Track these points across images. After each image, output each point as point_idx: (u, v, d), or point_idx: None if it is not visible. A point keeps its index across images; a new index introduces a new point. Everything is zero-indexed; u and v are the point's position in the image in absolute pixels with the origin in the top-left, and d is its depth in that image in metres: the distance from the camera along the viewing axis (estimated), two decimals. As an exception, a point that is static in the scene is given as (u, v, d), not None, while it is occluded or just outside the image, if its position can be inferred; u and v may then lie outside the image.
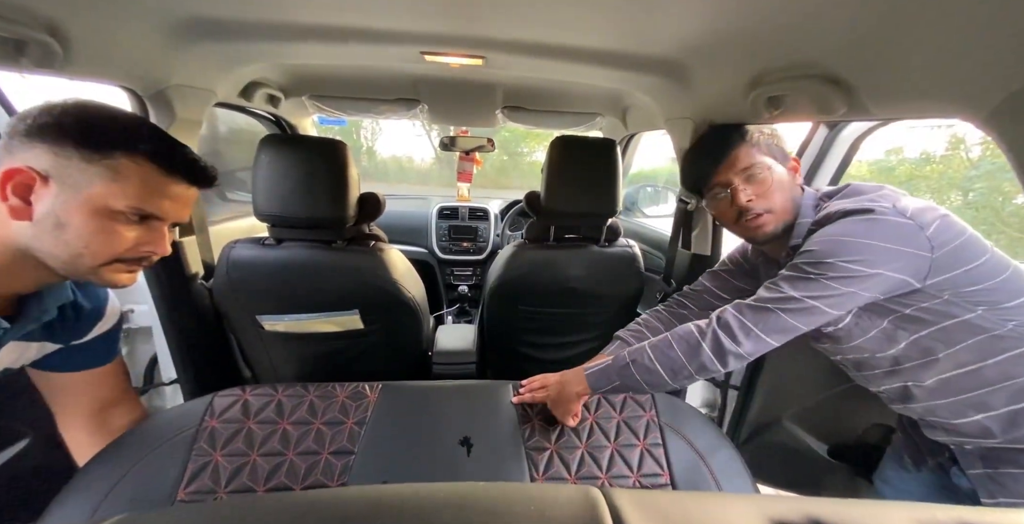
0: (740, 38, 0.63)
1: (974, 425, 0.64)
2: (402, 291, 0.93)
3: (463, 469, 0.72)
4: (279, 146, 0.83)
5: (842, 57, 0.51)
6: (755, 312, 0.66)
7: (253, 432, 0.70)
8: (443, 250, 1.99)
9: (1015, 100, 0.35)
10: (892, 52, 0.45)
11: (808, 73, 0.56)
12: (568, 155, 1.04)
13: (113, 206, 0.50)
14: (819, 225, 0.66)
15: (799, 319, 0.63)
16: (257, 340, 0.97)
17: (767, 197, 0.73)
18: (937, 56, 0.40)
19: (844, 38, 0.49)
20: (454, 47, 0.86)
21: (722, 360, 0.67)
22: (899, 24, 0.42)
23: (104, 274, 0.53)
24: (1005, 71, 0.35)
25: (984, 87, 0.37)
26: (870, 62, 0.48)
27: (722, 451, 0.78)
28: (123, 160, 0.50)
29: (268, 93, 1.13)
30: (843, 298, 0.60)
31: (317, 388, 0.79)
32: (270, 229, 0.89)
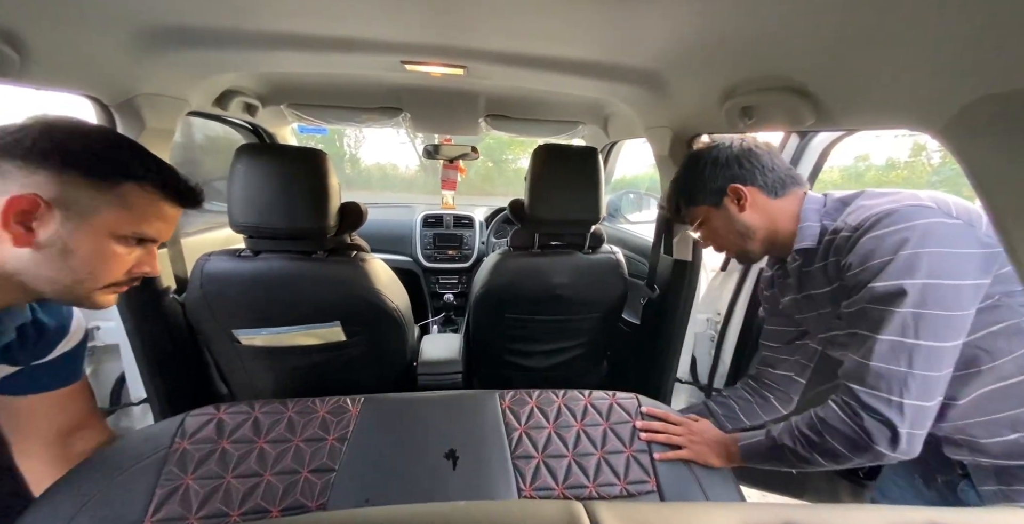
0: (714, 51, 0.65)
1: (1007, 445, 0.60)
2: (385, 301, 0.92)
3: (449, 484, 0.70)
4: (256, 155, 0.81)
5: (809, 70, 0.53)
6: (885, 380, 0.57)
7: (227, 453, 0.67)
8: (428, 258, 1.97)
9: (967, 113, 0.37)
10: (856, 66, 0.47)
11: (778, 85, 0.58)
12: (551, 163, 1.05)
13: (119, 232, 0.52)
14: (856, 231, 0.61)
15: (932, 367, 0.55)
16: (233, 355, 0.94)
17: (712, 239, 0.81)
18: (896, 71, 0.42)
19: (811, 52, 0.51)
20: (435, 57, 0.86)
21: (898, 449, 0.57)
22: (861, 40, 0.44)
23: (97, 297, 0.54)
24: (958, 85, 0.37)
25: (939, 101, 0.39)
26: (835, 76, 0.50)
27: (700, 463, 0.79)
28: (131, 188, 0.52)
29: (245, 102, 1.11)
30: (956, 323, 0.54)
31: (296, 404, 0.77)
32: (247, 240, 0.86)
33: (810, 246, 0.70)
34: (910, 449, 0.58)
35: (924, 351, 0.55)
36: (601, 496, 0.73)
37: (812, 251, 0.71)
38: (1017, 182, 0.35)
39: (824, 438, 0.63)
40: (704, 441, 0.79)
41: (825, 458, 0.64)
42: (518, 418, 0.84)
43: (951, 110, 0.39)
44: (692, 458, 0.77)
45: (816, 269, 0.71)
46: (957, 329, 0.55)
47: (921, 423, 0.57)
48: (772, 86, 0.59)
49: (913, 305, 0.55)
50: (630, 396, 0.89)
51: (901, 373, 0.56)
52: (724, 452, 0.77)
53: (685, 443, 0.79)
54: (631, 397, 0.89)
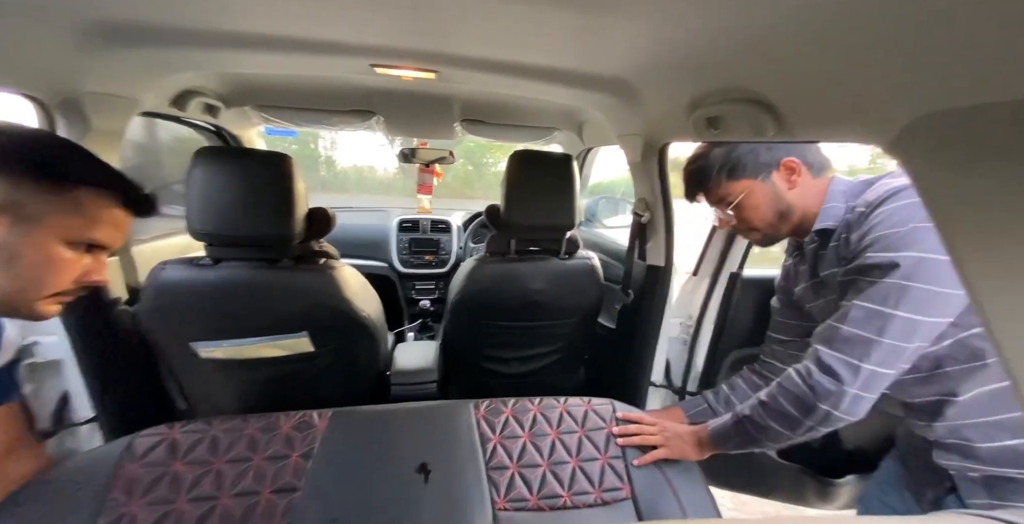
0: (681, 62, 0.66)
1: (1001, 451, 0.58)
2: (356, 310, 0.89)
3: (420, 499, 0.68)
4: (216, 159, 0.77)
5: (770, 84, 0.55)
6: (851, 344, 0.58)
7: (180, 475, 0.63)
8: (404, 264, 1.94)
9: (912, 129, 0.39)
10: (812, 81, 0.49)
11: (742, 97, 0.60)
12: (526, 169, 1.05)
13: (70, 237, 0.51)
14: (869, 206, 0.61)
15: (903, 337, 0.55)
16: (192, 369, 0.89)
17: (747, 219, 0.74)
18: (848, 87, 0.44)
19: (771, 66, 0.53)
20: (405, 61, 0.85)
21: (840, 407, 0.58)
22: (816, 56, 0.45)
23: (40, 307, 0.52)
24: (902, 103, 0.39)
25: (887, 116, 0.41)
26: (793, 89, 0.52)
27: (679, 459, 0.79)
28: (83, 193, 0.51)
29: (205, 102, 1.06)
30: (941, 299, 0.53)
31: (258, 420, 0.73)
32: (206, 248, 0.82)
33: (831, 226, 0.68)
34: (852, 410, 0.58)
35: (900, 322, 0.55)
36: (576, 505, 0.73)
37: (830, 232, 0.69)
38: (958, 194, 0.37)
39: (777, 400, 0.64)
40: (677, 435, 0.80)
41: (778, 423, 0.65)
42: (493, 428, 0.83)
43: (897, 126, 0.40)
44: (668, 455, 0.78)
45: (831, 249, 0.69)
46: (941, 306, 0.54)
47: (873, 387, 0.57)
48: (736, 97, 0.60)
49: (902, 277, 0.55)
50: (605, 402, 0.89)
51: (868, 339, 0.56)
52: (696, 441, 0.78)
53: (660, 441, 0.79)
54: (606, 403, 0.89)
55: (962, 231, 0.38)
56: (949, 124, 0.37)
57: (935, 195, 0.40)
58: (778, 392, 0.65)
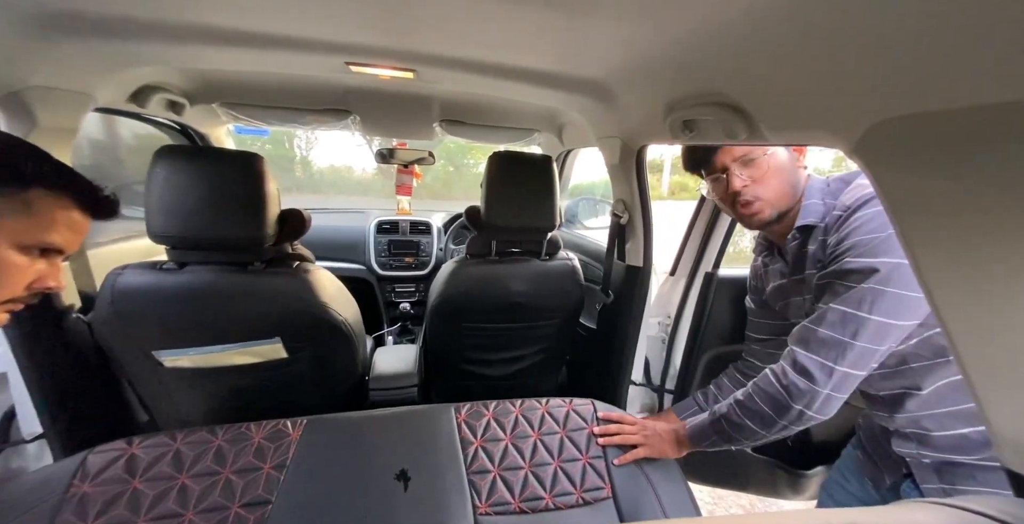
0: (657, 66, 0.68)
1: (954, 439, 0.61)
2: (332, 314, 0.87)
3: (399, 508, 0.67)
4: (179, 158, 0.74)
5: (741, 88, 0.57)
6: (826, 346, 0.59)
7: (140, 493, 0.59)
8: (383, 266, 1.90)
9: (872, 134, 0.41)
10: (780, 86, 0.51)
11: (714, 101, 0.61)
12: (506, 170, 1.04)
13: (22, 241, 0.48)
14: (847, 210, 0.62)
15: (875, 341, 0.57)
16: (154, 379, 0.84)
17: (762, 182, 0.69)
18: (814, 91, 0.46)
19: (742, 72, 0.55)
20: (382, 59, 0.83)
21: (812, 407, 0.60)
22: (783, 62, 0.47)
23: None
24: (866, 107, 0.41)
25: (850, 121, 0.43)
26: (763, 94, 0.54)
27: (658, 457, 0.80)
28: (37, 194, 0.48)
29: (168, 99, 1.01)
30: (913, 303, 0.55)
31: (227, 431, 0.70)
32: (170, 252, 0.78)
33: (813, 222, 0.68)
34: (824, 410, 0.61)
35: (873, 326, 0.57)
36: (558, 507, 0.73)
37: (812, 229, 0.69)
38: (916, 197, 0.39)
39: (753, 400, 0.66)
40: (657, 434, 0.80)
41: (753, 421, 0.67)
42: (474, 431, 0.82)
43: (860, 130, 0.42)
44: (649, 454, 0.79)
45: (813, 250, 0.69)
46: (913, 309, 0.56)
47: (845, 388, 0.60)
48: (709, 101, 0.62)
49: (878, 282, 0.56)
50: (586, 402, 0.90)
51: (843, 342, 0.58)
52: (675, 439, 0.79)
53: (640, 440, 0.80)
54: (587, 403, 0.90)
55: (920, 233, 0.39)
56: (909, 129, 0.38)
57: (894, 197, 0.41)
58: (754, 391, 0.67)
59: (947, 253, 0.37)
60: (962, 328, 0.37)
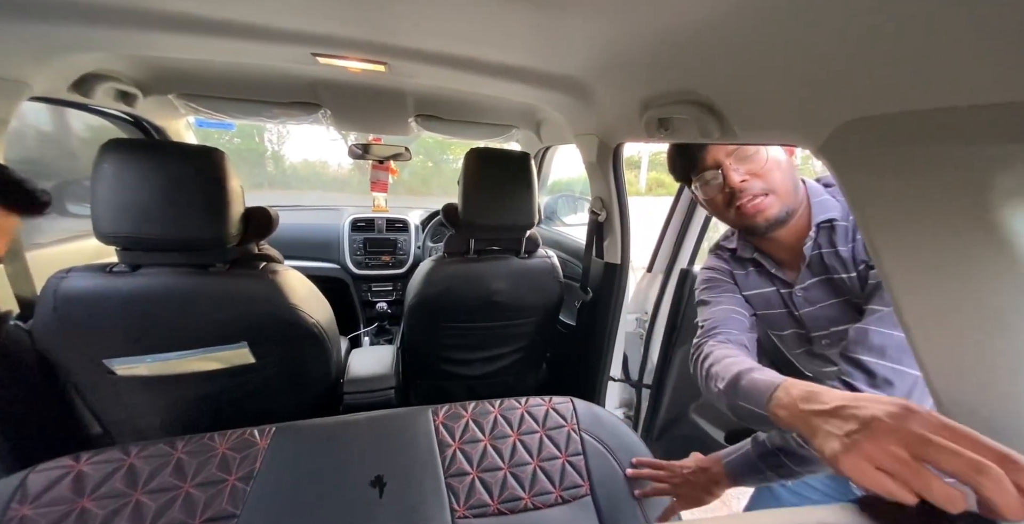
0: (632, 64, 0.67)
1: None
2: (302, 317, 0.83)
3: (375, 515, 0.65)
4: (130, 153, 0.68)
5: (713, 87, 0.57)
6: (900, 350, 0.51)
7: (89, 513, 0.55)
8: (358, 265, 1.85)
9: (838, 134, 0.42)
10: (751, 86, 0.51)
11: (687, 99, 0.61)
12: (484, 168, 1.03)
13: None
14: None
15: None
16: (107, 389, 0.79)
17: (764, 176, 0.61)
18: (783, 91, 0.46)
19: (714, 71, 0.55)
20: (351, 51, 0.79)
21: None
22: (753, 61, 0.47)
23: None
24: (833, 108, 0.42)
25: (817, 121, 0.44)
26: (735, 93, 0.54)
27: (635, 451, 0.81)
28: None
29: (117, 89, 0.94)
30: None
31: (188, 443, 0.66)
32: (120, 253, 0.73)
33: (836, 217, 0.61)
34: None
35: None
36: (537, 506, 0.73)
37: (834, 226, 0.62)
38: (880, 198, 0.40)
39: None
40: (686, 480, 0.71)
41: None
42: (452, 434, 0.81)
43: (827, 130, 0.43)
44: (685, 507, 0.71)
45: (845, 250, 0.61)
46: None
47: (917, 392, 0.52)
48: (682, 100, 0.62)
49: None
50: (565, 400, 0.90)
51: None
52: (706, 479, 0.68)
53: (668, 490, 0.73)
54: (566, 401, 0.90)
55: (881, 229, 0.41)
56: (873, 130, 0.39)
57: (857, 196, 0.42)
58: None
59: (907, 251, 0.39)
60: (918, 319, 0.39)
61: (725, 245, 0.78)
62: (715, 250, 0.81)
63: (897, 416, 0.32)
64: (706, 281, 0.78)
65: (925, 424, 0.30)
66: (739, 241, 0.75)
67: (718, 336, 0.68)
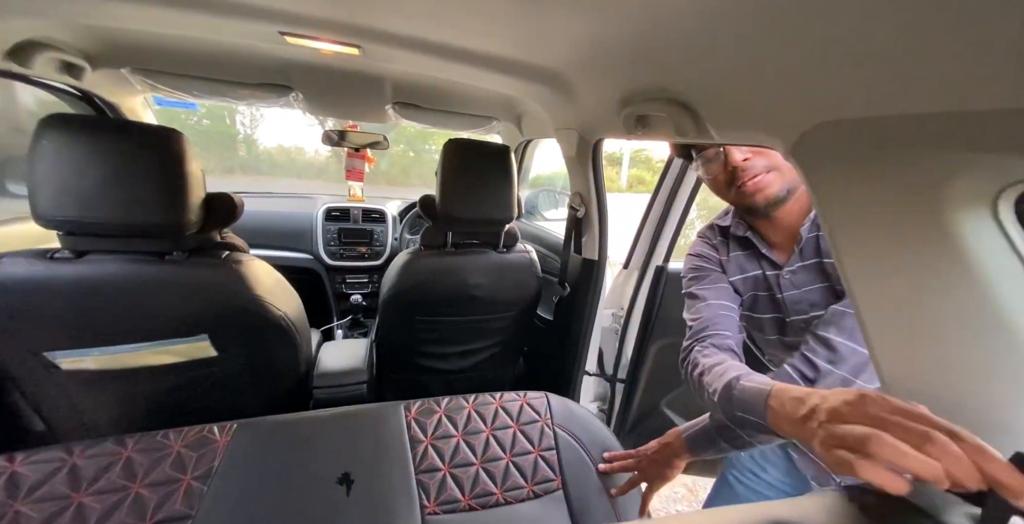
0: (611, 59, 0.67)
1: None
2: (268, 308, 0.80)
3: (342, 513, 0.63)
4: (73, 129, 0.63)
5: (689, 85, 0.57)
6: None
7: (24, 517, 0.52)
8: (332, 256, 1.80)
9: (807, 137, 0.42)
10: (725, 85, 0.51)
11: (665, 97, 0.61)
12: (463, 159, 1.00)
13: None
14: None
15: None
16: (49, 383, 0.74)
17: (766, 153, 0.61)
18: (755, 92, 0.47)
19: (690, 69, 0.55)
20: (321, 31, 0.75)
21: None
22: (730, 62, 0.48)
23: None
24: (803, 110, 0.42)
25: (787, 123, 0.44)
26: (709, 92, 0.54)
27: (607, 445, 0.82)
28: None
29: (60, 59, 0.85)
30: None
31: (139, 440, 0.62)
32: (63, 239, 0.67)
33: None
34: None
35: None
36: (508, 501, 0.73)
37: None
38: (844, 199, 0.41)
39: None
40: (646, 457, 0.73)
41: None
42: (424, 429, 0.80)
43: (797, 132, 0.43)
44: (644, 480, 0.73)
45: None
46: None
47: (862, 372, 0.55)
48: (659, 97, 0.62)
49: None
50: (540, 395, 0.90)
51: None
52: (667, 453, 0.70)
53: (631, 466, 0.75)
54: (540, 396, 0.90)
55: (843, 230, 0.42)
56: (839, 134, 0.40)
57: (822, 197, 0.43)
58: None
59: (866, 250, 0.41)
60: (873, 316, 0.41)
61: (718, 223, 0.78)
62: (704, 232, 0.80)
63: (853, 403, 0.35)
64: (694, 270, 0.78)
65: (879, 406, 0.33)
66: (734, 219, 0.75)
67: (706, 341, 0.68)
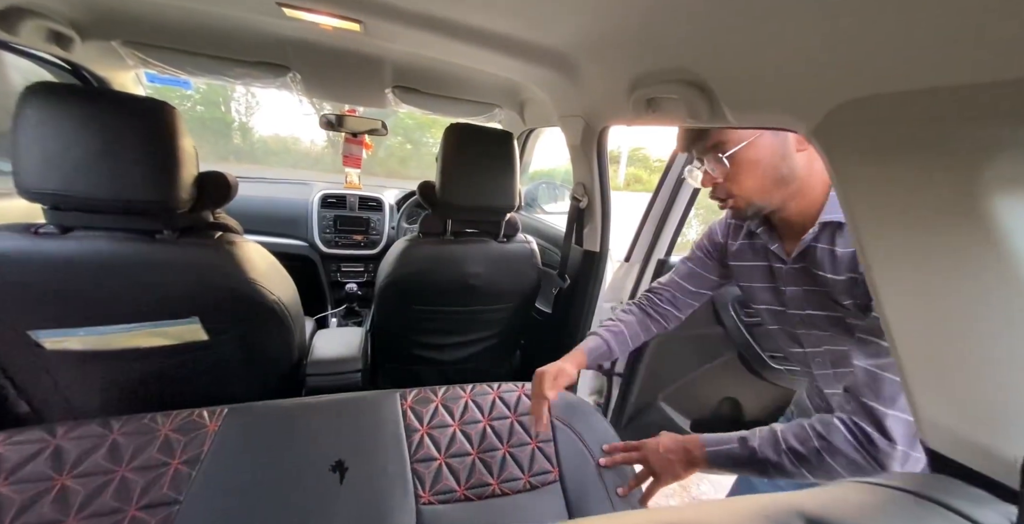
0: (623, 40, 0.64)
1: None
2: (262, 292, 0.77)
3: (334, 501, 0.61)
4: (60, 99, 0.60)
5: (706, 66, 0.55)
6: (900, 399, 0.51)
7: (5, 499, 0.49)
8: (327, 243, 1.76)
9: (832, 117, 0.41)
10: (745, 64, 0.49)
11: (679, 78, 0.59)
12: (464, 144, 0.98)
13: None
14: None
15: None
16: (33, 364, 0.71)
17: (735, 180, 0.62)
18: (777, 71, 0.45)
19: (708, 48, 0.53)
20: (322, 3, 0.72)
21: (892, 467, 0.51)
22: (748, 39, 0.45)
23: None
24: (828, 89, 0.40)
25: (811, 103, 0.42)
26: (729, 72, 0.52)
27: (606, 437, 0.81)
28: None
29: (48, 28, 0.82)
30: None
31: (126, 423, 0.60)
32: (49, 213, 0.65)
33: (841, 220, 0.60)
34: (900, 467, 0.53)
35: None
36: (504, 492, 0.71)
37: (837, 226, 0.60)
38: (869, 183, 0.39)
39: (823, 459, 0.55)
40: (658, 454, 0.70)
41: (816, 475, 0.57)
42: (420, 418, 0.78)
43: (820, 113, 0.42)
44: (652, 474, 0.71)
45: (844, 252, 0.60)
46: None
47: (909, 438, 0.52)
48: (674, 79, 0.60)
49: None
50: None
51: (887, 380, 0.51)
52: (685, 458, 0.68)
53: (639, 458, 0.72)
54: None
55: (869, 220, 0.40)
56: (868, 112, 0.38)
57: (847, 183, 0.41)
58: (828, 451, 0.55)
59: (893, 241, 0.38)
60: (898, 314, 0.38)
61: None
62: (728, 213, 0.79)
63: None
64: (694, 247, 0.87)
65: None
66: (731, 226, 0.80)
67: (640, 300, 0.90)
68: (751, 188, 0.62)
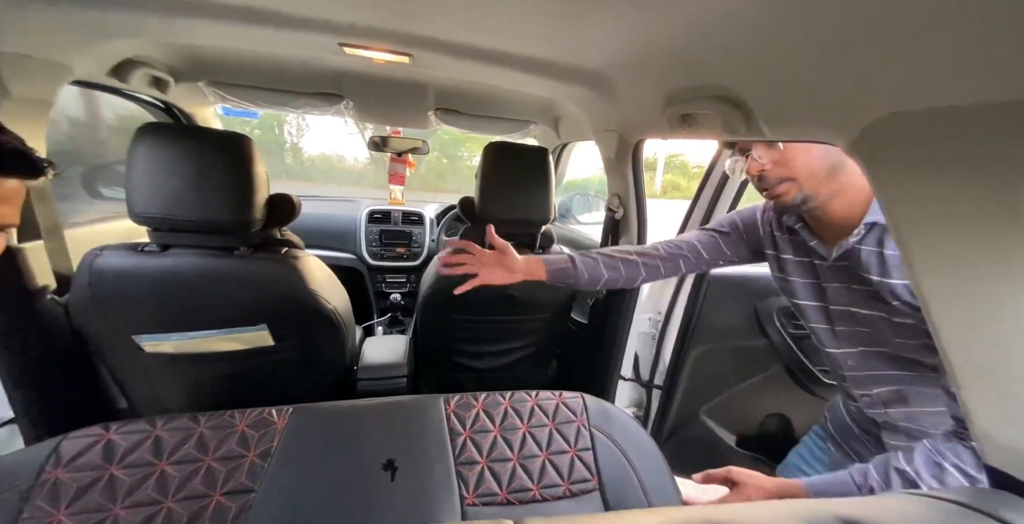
0: (658, 58, 0.67)
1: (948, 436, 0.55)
2: (320, 302, 0.85)
3: (386, 496, 0.66)
4: (163, 136, 0.71)
5: (741, 82, 0.56)
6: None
7: (117, 480, 0.58)
8: (374, 256, 1.88)
9: (872, 130, 0.41)
10: (782, 80, 0.50)
11: (714, 94, 0.61)
12: (502, 161, 1.03)
13: None
14: None
15: None
16: (134, 364, 0.82)
17: (786, 163, 0.61)
18: (815, 86, 0.46)
19: (743, 65, 0.54)
20: (377, 41, 0.80)
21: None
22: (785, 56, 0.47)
23: None
24: (866, 103, 0.41)
25: (850, 116, 0.43)
26: (763, 88, 0.53)
27: (645, 449, 0.81)
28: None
29: (151, 75, 0.97)
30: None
31: (210, 418, 0.68)
32: (151, 234, 0.75)
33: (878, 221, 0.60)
34: None
35: None
36: (545, 498, 0.73)
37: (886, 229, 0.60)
38: (913, 197, 0.39)
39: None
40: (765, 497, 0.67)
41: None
42: (463, 423, 0.82)
43: (859, 126, 0.42)
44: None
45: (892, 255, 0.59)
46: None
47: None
48: (709, 95, 0.61)
49: None
50: (575, 395, 0.90)
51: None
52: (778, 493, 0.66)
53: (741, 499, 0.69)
54: (576, 396, 0.90)
55: (915, 232, 0.39)
56: (908, 126, 0.38)
57: (890, 195, 0.41)
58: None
59: (940, 253, 0.38)
60: (951, 329, 0.38)
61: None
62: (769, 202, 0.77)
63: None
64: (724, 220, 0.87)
65: None
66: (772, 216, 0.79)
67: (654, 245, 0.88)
68: (804, 173, 0.61)
